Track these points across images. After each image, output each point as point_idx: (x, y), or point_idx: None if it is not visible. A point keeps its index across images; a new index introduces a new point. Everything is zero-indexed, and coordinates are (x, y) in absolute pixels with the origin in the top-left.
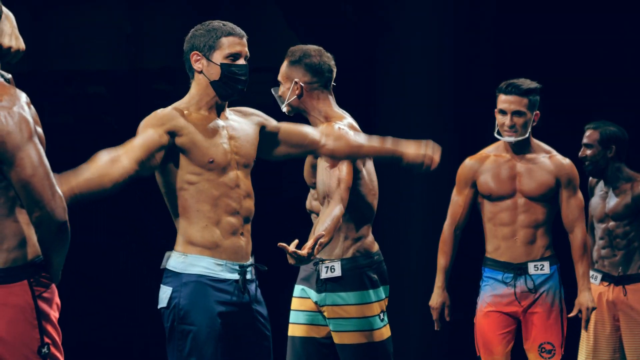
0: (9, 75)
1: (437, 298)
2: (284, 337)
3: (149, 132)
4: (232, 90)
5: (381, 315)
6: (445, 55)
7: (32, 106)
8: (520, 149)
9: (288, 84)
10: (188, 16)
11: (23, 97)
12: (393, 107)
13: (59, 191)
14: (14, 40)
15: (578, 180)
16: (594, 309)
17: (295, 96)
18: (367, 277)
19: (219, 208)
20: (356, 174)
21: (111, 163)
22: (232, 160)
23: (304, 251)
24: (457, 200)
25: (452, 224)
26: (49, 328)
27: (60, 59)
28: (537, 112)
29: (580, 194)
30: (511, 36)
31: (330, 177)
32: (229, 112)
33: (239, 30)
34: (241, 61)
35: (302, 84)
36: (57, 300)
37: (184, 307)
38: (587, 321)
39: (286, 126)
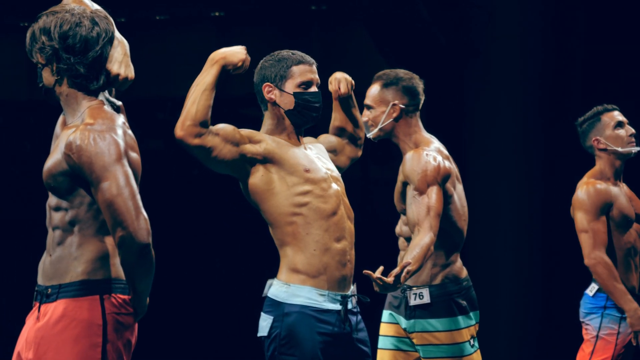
0: (119, 103)
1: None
2: None
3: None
4: (307, 118)
5: (471, 341)
6: (532, 78)
7: (129, 132)
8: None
9: (383, 107)
10: (277, 41)
11: (119, 121)
12: (482, 131)
13: (145, 214)
14: (123, 68)
15: None
16: None
17: (392, 119)
18: (455, 304)
19: (329, 232)
20: (447, 199)
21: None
22: (327, 175)
23: (389, 278)
24: (600, 227)
25: (603, 249)
26: (113, 356)
27: (150, 86)
28: None
29: None
30: (599, 60)
31: (419, 205)
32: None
33: (308, 58)
34: (313, 88)
35: (402, 106)
36: (133, 334)
37: (286, 337)
38: None
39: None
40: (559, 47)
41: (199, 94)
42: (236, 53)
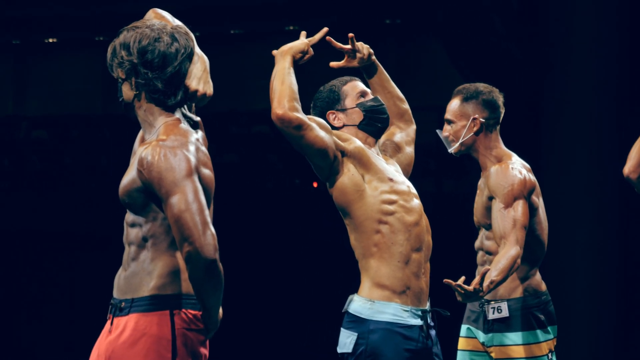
0: (197, 118)
1: None
2: None
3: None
4: (379, 122)
5: (549, 355)
6: (610, 92)
7: (202, 148)
8: None
9: (463, 121)
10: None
11: (192, 137)
12: (559, 145)
13: (212, 229)
14: (202, 84)
15: None
16: None
17: (472, 133)
18: (534, 317)
19: (410, 242)
20: (532, 211)
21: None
22: (409, 190)
23: (470, 287)
24: None
25: None
26: None
27: (224, 100)
28: None
29: None
30: None
31: (505, 218)
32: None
33: (350, 76)
34: (370, 95)
35: (482, 120)
36: (204, 350)
37: (372, 354)
38: None
39: (391, 141)
40: (638, 60)
41: (284, 77)
42: (299, 42)
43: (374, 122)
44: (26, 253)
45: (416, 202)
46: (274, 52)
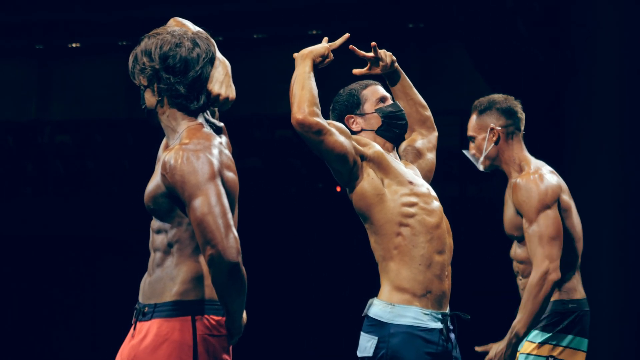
0: (221, 124)
1: None
2: None
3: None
4: (397, 128)
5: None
6: (634, 95)
7: (225, 151)
8: None
9: (483, 134)
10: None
11: (215, 141)
12: (582, 150)
13: (235, 233)
14: (224, 88)
15: None
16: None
17: (493, 144)
18: (556, 321)
19: (432, 244)
20: (562, 213)
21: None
22: (429, 192)
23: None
24: None
25: None
26: None
27: (247, 104)
28: None
29: None
30: None
31: (531, 239)
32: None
33: (371, 80)
34: (390, 101)
35: (499, 128)
36: (227, 356)
37: (393, 357)
38: None
39: (412, 147)
40: None
41: (304, 81)
42: (319, 45)
43: (392, 128)
44: (50, 257)
45: (436, 204)
46: (295, 54)
